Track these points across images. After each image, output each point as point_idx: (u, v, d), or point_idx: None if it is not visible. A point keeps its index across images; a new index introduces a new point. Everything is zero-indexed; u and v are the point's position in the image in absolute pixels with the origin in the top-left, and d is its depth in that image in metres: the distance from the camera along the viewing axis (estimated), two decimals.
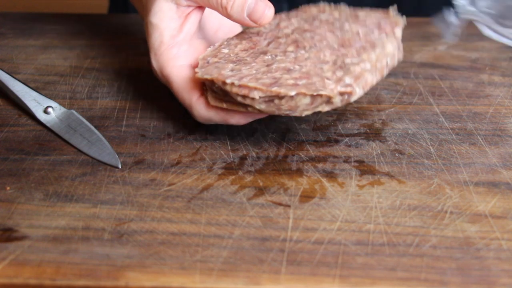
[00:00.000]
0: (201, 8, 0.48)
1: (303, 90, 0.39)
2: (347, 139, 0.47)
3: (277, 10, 0.48)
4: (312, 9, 0.52)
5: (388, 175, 0.43)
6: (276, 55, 0.45)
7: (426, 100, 0.53)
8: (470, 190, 0.42)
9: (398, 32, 0.46)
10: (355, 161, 0.45)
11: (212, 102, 0.44)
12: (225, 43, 0.48)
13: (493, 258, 0.36)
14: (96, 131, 0.47)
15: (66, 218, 0.39)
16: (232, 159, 0.45)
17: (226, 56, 0.46)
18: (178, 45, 0.47)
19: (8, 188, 0.42)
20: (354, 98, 0.40)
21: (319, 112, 0.42)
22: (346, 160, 0.45)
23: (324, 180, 0.43)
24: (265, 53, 0.45)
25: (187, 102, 0.46)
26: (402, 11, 0.50)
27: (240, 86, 0.41)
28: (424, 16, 0.70)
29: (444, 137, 0.47)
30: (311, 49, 0.45)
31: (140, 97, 0.53)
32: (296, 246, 0.37)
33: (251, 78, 0.41)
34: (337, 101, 0.40)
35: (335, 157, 0.45)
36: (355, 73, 0.41)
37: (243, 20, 0.46)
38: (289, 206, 0.40)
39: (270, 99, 0.41)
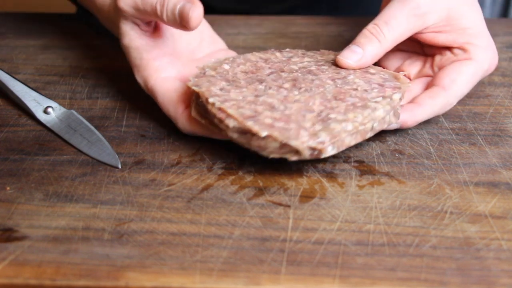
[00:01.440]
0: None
1: (275, 134, 0.39)
2: None
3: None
4: (331, 55, 0.50)
5: (388, 175, 0.43)
6: (270, 88, 0.44)
7: None
8: (470, 190, 0.42)
9: (396, 97, 0.43)
10: (355, 161, 0.45)
11: (194, 114, 0.44)
12: (231, 59, 0.48)
13: (493, 258, 0.36)
14: (96, 131, 0.47)
15: (66, 218, 0.39)
16: (232, 159, 0.45)
17: (224, 72, 0.46)
18: (159, 58, 0.47)
19: (8, 188, 0.42)
20: (324, 155, 0.40)
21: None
22: (346, 160, 0.45)
23: (324, 180, 0.43)
24: (261, 82, 0.45)
25: (172, 114, 0.46)
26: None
27: (219, 109, 0.41)
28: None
29: (444, 137, 0.47)
30: (304, 92, 0.44)
31: (140, 97, 0.53)
32: (296, 246, 0.37)
33: (233, 105, 0.42)
34: (306, 155, 0.40)
35: (335, 157, 0.45)
36: (333, 131, 0.40)
37: (175, 25, 0.44)
38: (289, 206, 0.40)
39: (243, 131, 0.41)
